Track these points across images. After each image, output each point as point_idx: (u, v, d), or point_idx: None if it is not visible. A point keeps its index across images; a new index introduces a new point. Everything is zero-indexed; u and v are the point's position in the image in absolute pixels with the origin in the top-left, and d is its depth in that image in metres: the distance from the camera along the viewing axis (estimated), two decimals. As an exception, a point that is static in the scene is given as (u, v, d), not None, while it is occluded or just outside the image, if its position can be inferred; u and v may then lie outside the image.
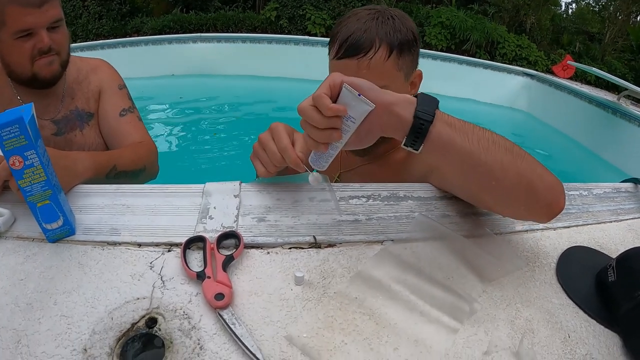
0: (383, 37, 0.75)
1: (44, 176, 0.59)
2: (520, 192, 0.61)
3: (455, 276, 0.64)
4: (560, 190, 0.63)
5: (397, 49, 0.76)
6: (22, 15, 0.87)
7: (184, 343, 0.51)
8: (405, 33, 0.77)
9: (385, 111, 0.57)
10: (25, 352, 0.49)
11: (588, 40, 5.54)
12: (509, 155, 0.59)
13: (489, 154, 0.58)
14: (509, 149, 0.60)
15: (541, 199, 0.62)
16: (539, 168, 0.62)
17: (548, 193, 0.61)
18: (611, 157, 3.16)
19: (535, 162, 0.62)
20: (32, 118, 0.57)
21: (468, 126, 0.59)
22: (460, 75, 4.24)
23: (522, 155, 0.61)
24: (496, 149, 0.59)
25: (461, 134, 0.58)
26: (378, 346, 0.53)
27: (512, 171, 0.59)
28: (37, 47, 0.92)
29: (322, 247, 0.68)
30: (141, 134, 1.14)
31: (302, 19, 5.08)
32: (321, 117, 0.56)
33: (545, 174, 0.62)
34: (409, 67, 0.79)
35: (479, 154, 0.58)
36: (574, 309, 0.63)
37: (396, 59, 0.76)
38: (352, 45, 0.75)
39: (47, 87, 1.01)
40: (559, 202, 0.63)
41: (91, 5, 5.11)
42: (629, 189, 0.95)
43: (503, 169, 0.59)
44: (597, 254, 0.74)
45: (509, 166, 0.59)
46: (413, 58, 0.80)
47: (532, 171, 0.60)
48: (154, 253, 0.64)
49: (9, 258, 0.61)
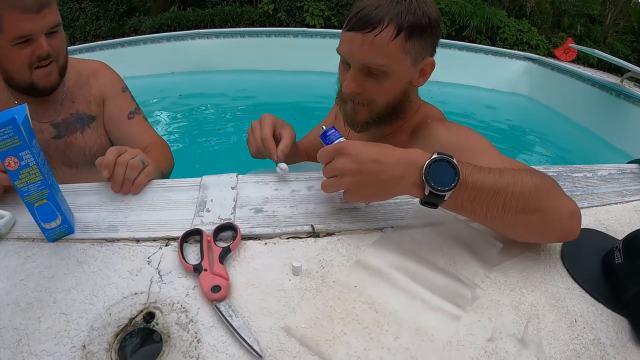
0: (393, 17, 0.72)
1: (40, 176, 0.59)
2: (529, 238, 0.66)
3: (457, 262, 0.63)
4: (577, 220, 0.62)
5: (406, 31, 0.73)
6: (21, 21, 0.85)
7: (182, 337, 0.51)
8: (420, 17, 0.73)
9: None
10: (26, 350, 0.49)
11: (589, 23, 5.45)
12: (518, 216, 0.60)
13: (495, 221, 0.61)
14: (520, 210, 0.59)
15: (551, 238, 0.66)
16: (556, 203, 0.61)
17: (564, 222, 0.62)
18: (615, 140, 3.12)
19: (552, 199, 0.61)
20: (25, 119, 0.57)
21: (479, 195, 0.59)
22: (461, 61, 4.19)
23: (534, 207, 0.59)
24: (505, 215, 0.60)
25: (470, 203, 0.60)
26: (378, 335, 0.52)
27: (520, 227, 0.62)
28: (36, 54, 0.91)
29: (321, 236, 0.67)
30: (151, 133, 1.16)
31: (300, 10, 5.04)
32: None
33: (563, 206, 0.62)
34: (417, 52, 0.76)
35: (486, 222, 0.63)
36: (580, 292, 0.61)
37: (403, 41, 0.73)
38: (361, 19, 0.73)
39: (45, 95, 1.00)
40: (574, 230, 0.63)
41: (88, 7, 5.11)
42: (634, 170, 0.93)
43: (509, 227, 0.63)
44: (603, 236, 0.73)
45: (516, 225, 0.62)
46: (425, 44, 0.76)
47: (548, 219, 0.61)
48: (151, 248, 0.64)
49: (10, 259, 0.61)
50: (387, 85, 0.77)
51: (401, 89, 0.79)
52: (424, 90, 0.85)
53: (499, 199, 0.59)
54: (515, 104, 4.05)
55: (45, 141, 1.03)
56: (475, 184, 0.58)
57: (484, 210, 0.60)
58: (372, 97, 0.77)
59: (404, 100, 0.82)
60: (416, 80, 0.81)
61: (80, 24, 5.02)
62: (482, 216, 0.61)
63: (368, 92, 0.77)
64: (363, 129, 0.86)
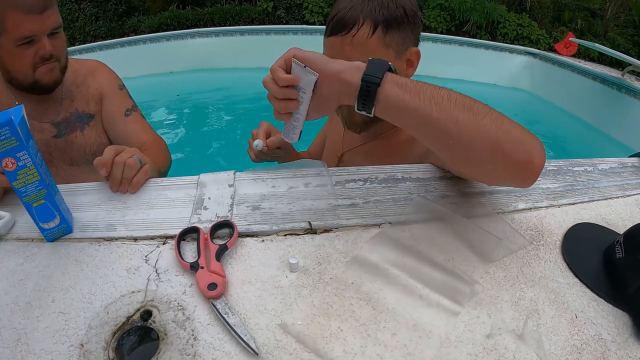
0: (368, 14, 0.74)
1: (38, 176, 0.59)
2: (483, 149, 0.57)
3: (456, 258, 0.63)
4: (533, 145, 0.57)
5: (383, 26, 0.74)
6: (24, 23, 0.86)
7: (178, 334, 0.51)
8: (394, 9, 0.75)
9: (335, 79, 0.60)
10: (25, 349, 0.49)
11: (590, 17, 5.41)
12: (467, 113, 0.56)
13: (442, 111, 0.57)
14: (468, 106, 0.57)
15: (509, 156, 0.56)
16: (507, 123, 0.57)
17: (517, 149, 0.56)
18: (616, 133, 3.12)
19: (502, 118, 0.57)
20: (22, 119, 0.57)
21: (422, 86, 0.58)
22: (462, 57, 4.18)
23: (484, 112, 0.57)
24: (451, 106, 0.57)
25: (412, 93, 0.57)
26: (375, 332, 0.52)
27: (470, 127, 0.56)
28: (39, 54, 0.92)
29: (318, 233, 0.67)
30: (149, 131, 1.17)
31: (299, 8, 5.02)
32: (278, 88, 0.62)
33: (514, 128, 0.57)
34: (399, 43, 0.77)
35: (431, 112, 0.57)
36: (581, 287, 0.61)
37: (381, 36, 0.75)
38: (337, 22, 0.76)
39: (47, 93, 1.01)
40: (532, 159, 0.56)
41: (87, 8, 5.10)
42: (635, 163, 0.93)
43: (458, 125, 0.56)
44: (603, 231, 0.72)
45: (465, 122, 0.56)
46: (405, 35, 0.78)
47: (497, 127, 0.56)
48: (149, 246, 0.64)
49: (9, 259, 0.62)
50: None
51: None
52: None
53: (443, 92, 0.58)
54: (516, 99, 4.04)
55: (46, 140, 1.04)
56: (414, 81, 0.58)
57: (428, 97, 0.57)
58: None
59: None
60: (404, 72, 0.81)
61: (80, 25, 5.01)
62: (427, 102, 0.57)
63: None
64: (362, 129, 0.87)
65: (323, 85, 0.61)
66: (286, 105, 0.63)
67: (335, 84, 0.60)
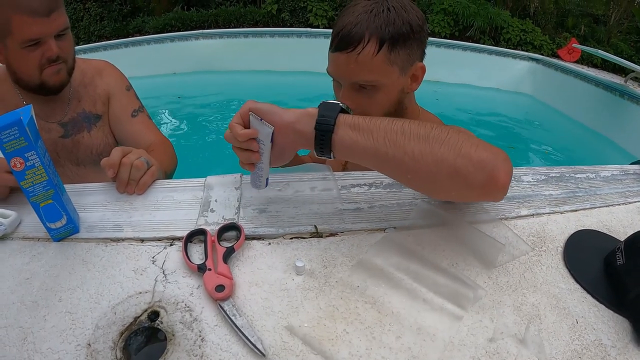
0: (373, 31, 0.73)
1: (46, 176, 0.60)
2: (443, 178, 0.56)
3: (459, 263, 0.63)
4: (495, 164, 0.55)
5: (389, 43, 0.74)
6: (31, 25, 0.86)
7: (186, 335, 0.51)
8: (400, 26, 0.74)
9: (290, 130, 0.61)
10: (32, 348, 0.50)
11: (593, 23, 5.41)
12: (422, 144, 0.56)
13: (396, 147, 0.57)
14: (423, 137, 0.56)
15: (471, 180, 0.55)
16: (466, 147, 0.55)
17: (478, 172, 0.54)
18: (619, 140, 3.11)
19: (461, 142, 0.55)
20: (31, 119, 0.58)
21: (375, 123, 0.58)
22: (465, 61, 4.17)
23: (441, 140, 0.56)
24: (405, 140, 0.56)
25: (365, 134, 0.58)
26: (380, 335, 0.52)
27: (427, 160, 0.56)
28: (46, 56, 0.91)
29: (324, 236, 0.67)
30: (155, 132, 1.17)
31: (303, 11, 5.04)
32: (239, 142, 0.63)
33: (475, 150, 0.55)
34: (404, 60, 0.77)
35: (386, 150, 0.57)
36: (582, 293, 0.61)
37: (387, 53, 0.74)
38: (343, 39, 0.75)
39: (54, 94, 1.01)
40: (495, 178, 0.55)
41: (92, 8, 5.12)
42: (637, 171, 0.93)
43: (415, 159, 0.56)
44: (605, 237, 0.72)
45: (422, 155, 0.56)
46: (410, 51, 0.77)
47: (455, 154, 0.55)
48: (156, 248, 0.64)
49: (16, 258, 0.62)
50: (379, 97, 0.79)
51: (394, 99, 0.81)
52: (429, 90, 0.86)
53: (397, 125, 0.57)
54: (519, 104, 4.04)
55: (53, 140, 1.04)
56: (367, 119, 0.59)
57: (382, 135, 0.57)
58: (367, 111, 0.78)
59: (400, 109, 0.84)
60: (408, 87, 0.82)
61: (85, 25, 5.04)
62: (380, 141, 0.57)
63: (363, 107, 0.78)
64: None
65: (279, 136, 0.62)
66: (248, 157, 0.65)
67: (291, 135, 0.62)
